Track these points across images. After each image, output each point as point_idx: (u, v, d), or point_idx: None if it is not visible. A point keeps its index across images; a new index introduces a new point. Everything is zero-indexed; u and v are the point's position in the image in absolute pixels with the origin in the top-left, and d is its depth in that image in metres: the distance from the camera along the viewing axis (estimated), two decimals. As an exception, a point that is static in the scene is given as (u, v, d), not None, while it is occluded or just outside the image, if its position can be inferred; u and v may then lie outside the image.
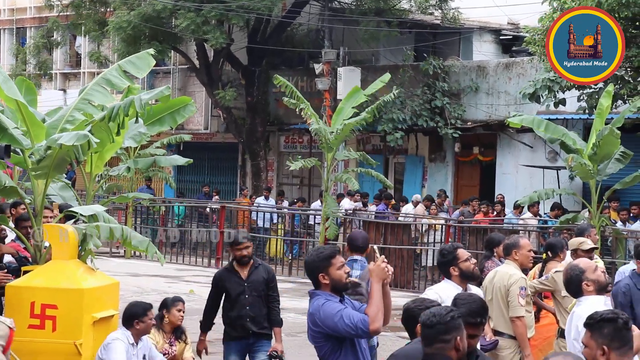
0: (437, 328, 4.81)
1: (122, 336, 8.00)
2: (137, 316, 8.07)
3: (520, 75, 23.83)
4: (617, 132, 14.79)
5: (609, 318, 4.70)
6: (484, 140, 25.06)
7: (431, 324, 4.81)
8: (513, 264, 8.65)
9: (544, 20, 20.51)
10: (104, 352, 7.95)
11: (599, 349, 4.65)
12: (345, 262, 6.22)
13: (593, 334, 4.69)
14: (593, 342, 4.67)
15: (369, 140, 26.95)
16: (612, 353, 4.62)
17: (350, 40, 26.77)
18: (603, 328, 4.67)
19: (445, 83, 24.93)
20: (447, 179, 25.66)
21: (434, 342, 4.80)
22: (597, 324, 4.70)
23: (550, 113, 21.25)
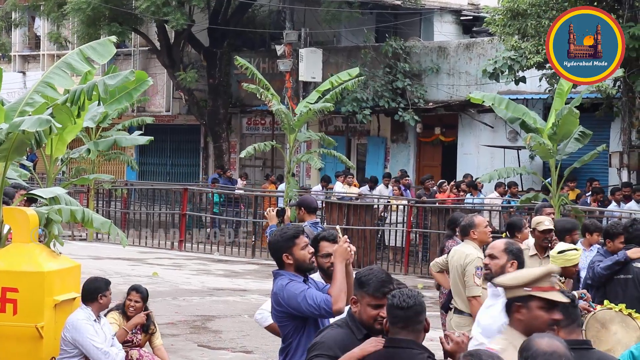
0: (415, 309, 4.80)
1: (84, 315, 8.03)
2: (100, 290, 8.15)
3: (480, 55, 23.94)
4: (576, 111, 14.91)
5: None
6: (445, 120, 25.18)
7: (407, 306, 4.77)
8: (472, 244, 8.72)
9: (504, 1, 20.66)
10: (74, 333, 7.95)
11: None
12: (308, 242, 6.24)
13: None
14: None
15: (331, 122, 26.98)
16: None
17: (311, 21, 26.73)
18: None
19: (406, 64, 24.99)
20: (409, 160, 25.77)
21: (410, 324, 4.78)
22: None
23: (511, 93, 21.39)
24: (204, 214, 23.86)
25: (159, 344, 9.27)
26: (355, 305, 5.20)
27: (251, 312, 14.10)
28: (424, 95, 24.89)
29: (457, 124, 24.80)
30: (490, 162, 23.22)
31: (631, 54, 18.81)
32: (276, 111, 19.84)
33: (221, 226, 23.20)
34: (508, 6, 20.53)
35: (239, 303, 15.25)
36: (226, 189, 24.45)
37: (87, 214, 8.86)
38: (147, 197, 25.50)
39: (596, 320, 7.46)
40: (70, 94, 8.34)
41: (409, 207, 20.25)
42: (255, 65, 23.26)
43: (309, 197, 11.73)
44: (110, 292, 8.30)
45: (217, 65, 27.99)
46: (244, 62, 19.85)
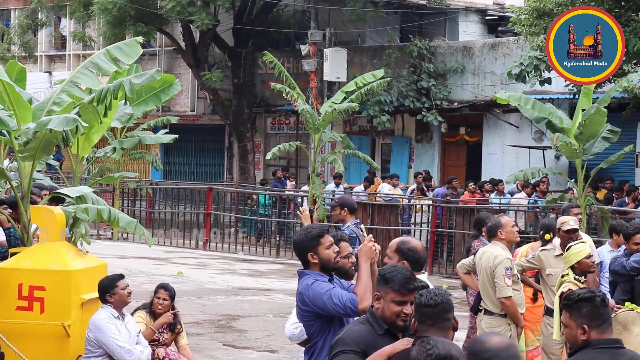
0: (443, 306, 4.79)
1: (106, 314, 8.04)
2: (106, 289, 8.12)
3: (506, 55, 23.85)
4: (603, 110, 14.82)
5: (586, 297, 4.73)
6: (470, 120, 25.10)
7: (435, 303, 4.77)
8: (499, 244, 8.70)
9: (530, 0, 20.57)
10: (97, 334, 7.98)
11: (579, 328, 4.69)
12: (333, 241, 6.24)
13: (572, 314, 4.72)
14: (573, 322, 4.71)
15: (355, 122, 26.96)
16: (593, 331, 4.66)
17: (336, 21, 26.72)
18: (582, 308, 4.70)
19: (431, 64, 24.93)
20: (433, 160, 25.70)
21: (438, 322, 4.77)
22: (575, 304, 4.73)
23: (536, 93, 21.29)
24: (229, 213, 23.89)
25: (185, 343, 9.29)
26: (378, 302, 5.20)
27: (276, 312, 14.15)
28: (449, 95, 24.81)
29: (482, 124, 24.70)
30: (516, 163, 23.12)
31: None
32: (301, 111, 19.84)
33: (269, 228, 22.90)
34: (534, 5, 20.42)
35: (263, 302, 15.27)
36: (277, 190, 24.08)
37: (114, 213, 8.90)
38: (171, 196, 25.58)
39: (617, 322, 7.41)
40: (97, 93, 8.39)
41: (434, 207, 20.19)
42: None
43: (350, 197, 11.70)
44: (123, 286, 8.14)
45: (242, 65, 28.04)
46: (272, 58, 19.81)
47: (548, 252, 9.17)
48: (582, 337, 4.67)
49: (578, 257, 7.97)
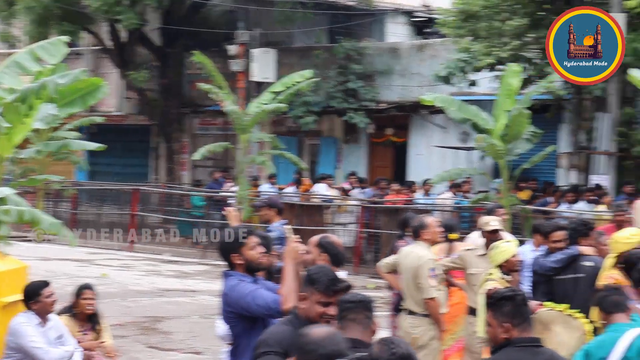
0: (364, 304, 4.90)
1: (25, 318, 7.91)
2: (30, 297, 7.98)
3: (433, 56, 24.06)
4: (526, 112, 15.07)
5: (508, 296, 4.80)
6: (397, 121, 25.27)
7: (357, 299, 4.89)
8: (424, 244, 8.76)
9: (457, 2, 20.82)
10: (15, 338, 7.83)
11: (500, 326, 4.75)
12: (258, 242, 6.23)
13: (494, 313, 4.79)
14: (495, 321, 4.77)
15: (283, 122, 26.94)
16: (514, 330, 4.73)
17: (265, 21, 26.67)
18: (503, 306, 4.76)
19: (358, 65, 25.04)
20: (361, 160, 25.81)
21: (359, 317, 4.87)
22: (497, 303, 4.80)
23: (463, 94, 21.52)
24: (155, 214, 23.68)
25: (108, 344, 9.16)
26: (303, 302, 5.20)
27: (201, 313, 14.06)
28: (376, 96, 24.96)
29: (409, 124, 24.89)
30: (442, 163, 23.33)
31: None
32: (229, 111, 19.76)
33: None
34: (460, 8, 20.69)
35: (189, 304, 15.17)
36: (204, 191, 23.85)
37: (36, 215, 8.74)
38: (96, 197, 25.25)
39: (539, 321, 7.51)
40: (20, 93, 8.24)
41: (361, 208, 20.28)
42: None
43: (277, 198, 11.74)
44: (47, 294, 7.99)
45: (169, 65, 27.82)
46: (202, 58, 19.69)
47: (471, 251, 9.27)
48: (504, 336, 4.73)
49: (505, 255, 8.06)
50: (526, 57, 20.23)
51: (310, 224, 19.79)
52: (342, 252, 6.24)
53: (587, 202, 17.87)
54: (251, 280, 6.04)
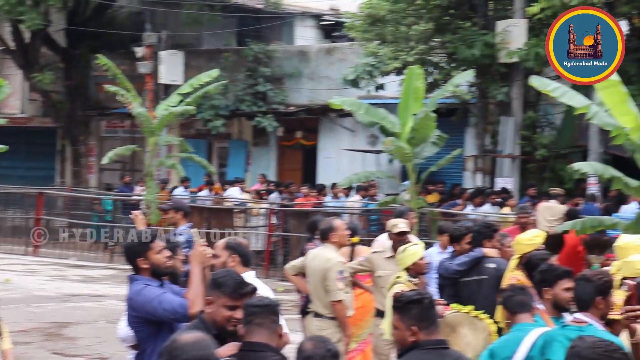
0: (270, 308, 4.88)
1: None
2: None
3: (341, 60, 24.19)
4: (433, 115, 15.24)
5: (415, 299, 4.83)
6: (306, 124, 25.33)
7: (263, 304, 4.88)
8: (332, 247, 8.78)
9: (364, 7, 20.99)
10: None
11: (408, 329, 4.79)
12: (164, 246, 6.17)
13: (401, 316, 4.81)
14: (402, 324, 4.80)
15: (192, 125, 26.75)
16: (421, 332, 4.77)
17: (172, 23, 26.46)
18: (411, 309, 4.80)
19: (267, 68, 25.04)
20: (270, 164, 25.80)
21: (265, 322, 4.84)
22: (404, 306, 4.82)
23: (371, 98, 21.68)
24: (61, 218, 23.25)
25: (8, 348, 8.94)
26: (209, 306, 5.16)
27: (108, 318, 13.85)
28: (285, 99, 24.98)
29: (318, 128, 24.98)
30: (351, 166, 23.46)
31: (485, 60, 19.42)
32: (136, 114, 19.53)
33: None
34: (367, 12, 20.88)
35: (95, 309, 14.95)
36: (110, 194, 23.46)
37: None
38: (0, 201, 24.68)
39: (445, 323, 7.59)
40: None
41: (270, 211, 20.27)
42: (115, 67, 22.78)
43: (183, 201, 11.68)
44: None
45: (75, 66, 27.37)
46: (106, 61, 19.43)
47: (379, 254, 9.32)
48: (411, 339, 4.76)
49: (413, 258, 8.11)
50: (432, 62, 20.52)
51: (219, 228, 19.67)
52: (250, 252, 6.24)
53: (492, 205, 18.19)
54: (157, 284, 5.98)
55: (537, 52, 18.55)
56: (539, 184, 19.78)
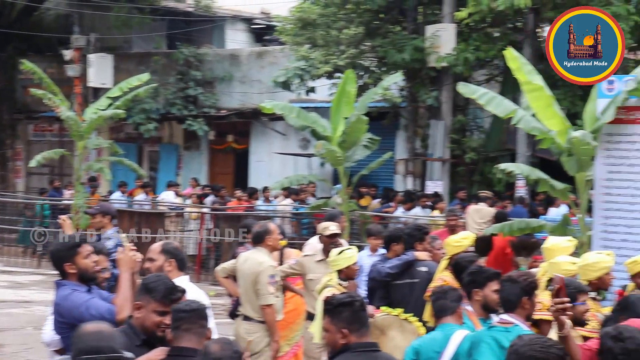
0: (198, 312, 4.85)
1: None
2: None
3: (272, 64, 24.19)
4: (364, 118, 15.31)
5: (346, 302, 4.84)
6: (238, 128, 25.27)
7: (191, 308, 4.84)
8: (264, 250, 8.76)
9: (294, 10, 21.03)
10: None
11: (338, 332, 4.80)
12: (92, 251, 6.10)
13: (332, 319, 4.82)
14: (333, 326, 4.81)
15: (122, 129, 26.50)
16: (352, 335, 4.78)
17: (101, 26, 26.18)
18: (341, 312, 4.81)
19: (198, 71, 24.92)
20: (202, 167, 25.67)
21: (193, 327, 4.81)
22: (335, 309, 4.84)
23: (302, 101, 21.71)
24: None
25: None
26: (138, 311, 5.11)
27: (35, 325, 13.61)
28: (216, 103, 24.90)
29: (250, 131, 24.93)
30: (282, 170, 23.46)
31: (415, 65, 19.59)
32: (65, 117, 19.26)
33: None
34: (298, 16, 20.91)
35: (22, 315, 14.70)
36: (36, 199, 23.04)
37: None
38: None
39: (375, 326, 7.63)
40: None
41: (202, 215, 20.15)
42: (43, 70, 22.52)
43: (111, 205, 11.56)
44: None
45: (1, 69, 26.91)
46: (31, 66, 19.15)
47: (310, 257, 9.32)
48: (342, 341, 4.77)
49: (347, 262, 8.13)
50: (363, 65, 20.63)
51: (151, 232, 19.50)
52: (185, 256, 6.21)
53: (423, 208, 18.33)
54: (85, 289, 5.90)
55: (465, 56, 18.77)
56: (469, 187, 20.01)
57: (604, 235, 9.97)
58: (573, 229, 10.65)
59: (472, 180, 20.60)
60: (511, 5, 17.13)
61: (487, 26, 19.84)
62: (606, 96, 10.16)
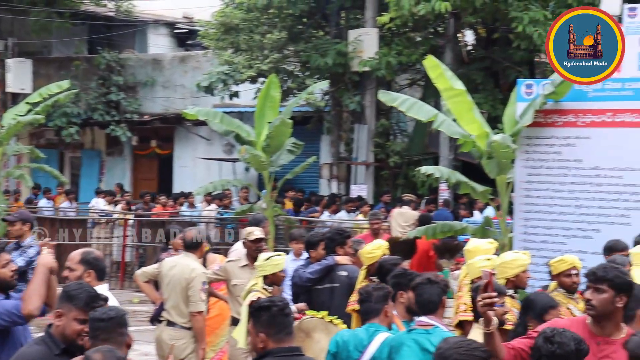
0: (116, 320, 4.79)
1: None
2: None
3: (195, 68, 24.08)
4: (288, 121, 15.31)
5: (265, 306, 4.85)
6: (161, 133, 25.09)
7: (108, 317, 4.78)
8: (192, 256, 8.70)
9: (217, 15, 20.96)
10: None
11: (257, 336, 4.80)
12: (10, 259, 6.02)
13: (254, 323, 4.84)
14: (254, 330, 4.82)
15: (42, 134, 26.09)
16: (270, 340, 4.79)
17: (20, 30, 25.74)
18: (261, 316, 4.82)
19: (120, 76, 24.68)
20: (125, 173, 25.42)
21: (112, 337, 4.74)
22: (256, 313, 4.85)
23: (226, 106, 21.66)
24: None
25: None
26: (58, 319, 5.04)
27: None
28: (139, 108, 24.68)
29: (173, 136, 24.77)
30: (207, 175, 23.36)
31: (338, 69, 19.68)
32: (-18, 124, 18.88)
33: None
34: (221, 20, 20.85)
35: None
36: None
37: None
38: None
39: (300, 329, 7.63)
40: None
41: (124, 221, 19.94)
42: (-41, 76, 22.12)
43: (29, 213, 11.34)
44: None
45: None
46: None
47: (234, 262, 9.28)
48: (260, 345, 4.78)
49: (275, 269, 8.11)
50: (286, 70, 20.67)
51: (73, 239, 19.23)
52: (105, 265, 6.13)
53: (348, 212, 18.41)
54: (2, 297, 5.82)
55: (388, 61, 18.92)
56: (393, 191, 20.16)
57: (524, 236, 10.13)
58: (495, 231, 10.80)
59: (396, 183, 20.77)
60: (432, 10, 17.32)
61: (409, 31, 20.04)
62: (525, 100, 10.33)
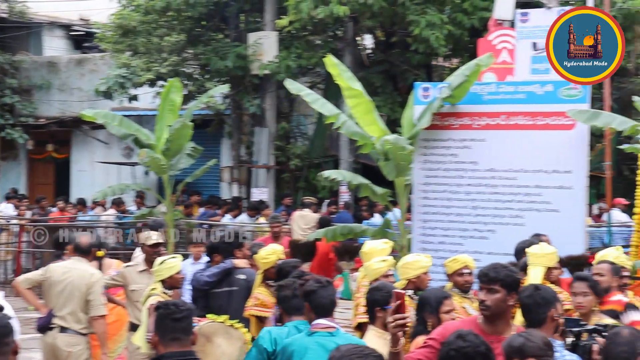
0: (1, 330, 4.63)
1: None
2: None
3: (93, 71, 23.72)
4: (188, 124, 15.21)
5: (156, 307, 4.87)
6: (58, 137, 24.64)
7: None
8: (85, 261, 8.57)
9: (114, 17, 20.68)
10: None
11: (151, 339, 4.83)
12: None
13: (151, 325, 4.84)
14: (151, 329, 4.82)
15: None
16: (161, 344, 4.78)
17: None
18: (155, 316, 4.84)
19: (14, 79, 24.16)
20: (20, 178, 24.88)
21: None
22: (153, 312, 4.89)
23: (125, 109, 21.38)
24: None
25: None
26: None
27: None
28: (35, 111, 24.20)
29: (71, 140, 24.35)
30: (106, 179, 23.01)
31: (238, 72, 19.63)
32: None
33: None
34: (118, 23, 20.58)
35: None
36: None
37: None
38: None
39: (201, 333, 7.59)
40: None
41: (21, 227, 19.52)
42: None
43: None
44: None
45: None
46: None
47: (132, 267, 9.18)
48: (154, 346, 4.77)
49: (170, 272, 8.04)
50: (186, 73, 20.52)
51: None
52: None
53: (249, 215, 18.38)
54: None
55: (287, 64, 18.95)
56: (294, 194, 20.20)
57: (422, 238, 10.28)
58: (394, 232, 10.92)
59: (297, 186, 20.82)
60: (330, 13, 17.43)
61: (309, 34, 20.11)
62: (422, 103, 10.49)
